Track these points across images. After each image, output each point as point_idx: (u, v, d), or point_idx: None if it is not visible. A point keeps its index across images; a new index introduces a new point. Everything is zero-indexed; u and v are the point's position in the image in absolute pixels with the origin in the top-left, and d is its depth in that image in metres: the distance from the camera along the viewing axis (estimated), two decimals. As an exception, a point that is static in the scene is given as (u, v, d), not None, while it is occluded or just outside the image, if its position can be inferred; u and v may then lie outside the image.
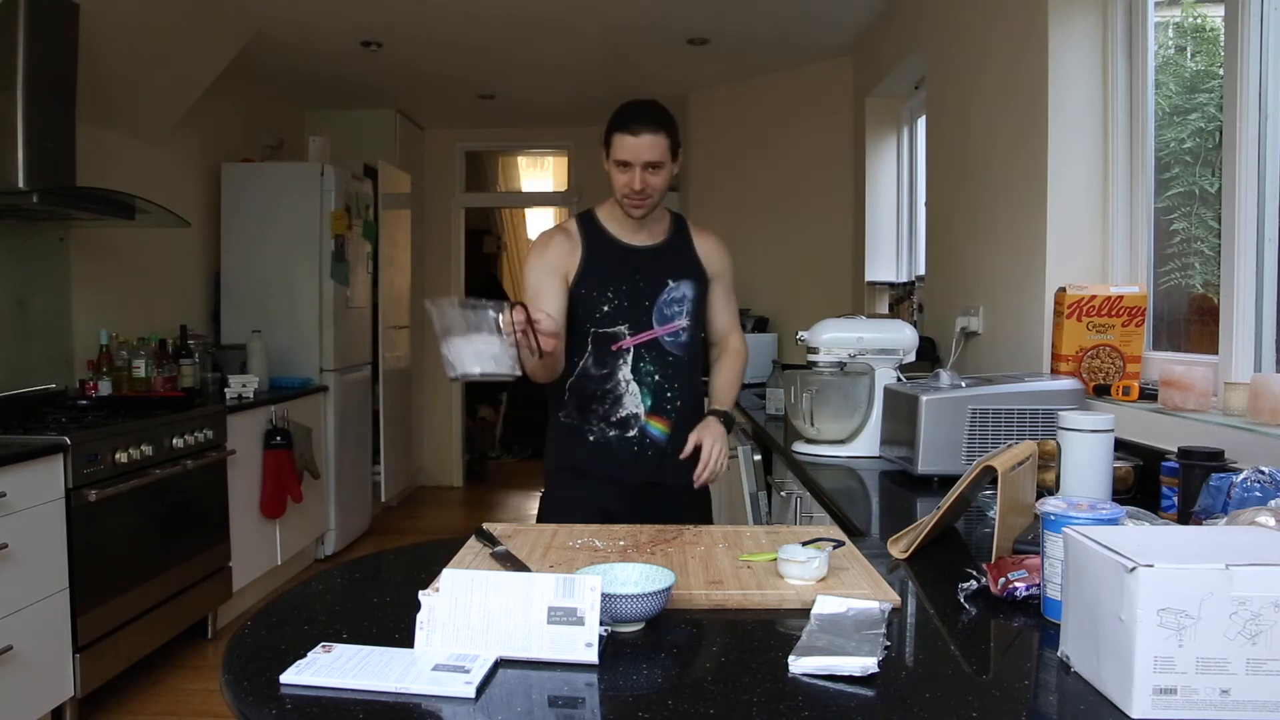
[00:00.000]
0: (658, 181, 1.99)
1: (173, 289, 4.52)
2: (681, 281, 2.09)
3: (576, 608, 1.03)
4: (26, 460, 2.60)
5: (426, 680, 0.96)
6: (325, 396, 4.78)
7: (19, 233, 3.45)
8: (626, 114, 1.98)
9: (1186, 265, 2.25)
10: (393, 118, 6.06)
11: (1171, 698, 0.86)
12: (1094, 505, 1.13)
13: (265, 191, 4.77)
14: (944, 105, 3.42)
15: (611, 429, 2.07)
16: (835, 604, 1.16)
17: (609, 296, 2.04)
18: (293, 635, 1.13)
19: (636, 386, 2.06)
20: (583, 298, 2.04)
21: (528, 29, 4.44)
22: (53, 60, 3.11)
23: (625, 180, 1.98)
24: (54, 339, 3.65)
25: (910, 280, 4.23)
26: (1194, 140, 2.21)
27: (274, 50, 4.69)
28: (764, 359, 4.66)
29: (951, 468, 1.96)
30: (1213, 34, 2.22)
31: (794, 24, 4.37)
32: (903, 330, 2.43)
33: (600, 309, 2.04)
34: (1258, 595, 0.85)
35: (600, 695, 0.97)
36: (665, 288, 2.07)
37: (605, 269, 2.05)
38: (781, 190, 5.21)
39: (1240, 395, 1.77)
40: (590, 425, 2.07)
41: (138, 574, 3.12)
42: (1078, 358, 2.25)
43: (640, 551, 1.44)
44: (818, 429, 2.43)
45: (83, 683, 2.83)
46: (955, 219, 3.25)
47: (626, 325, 2.05)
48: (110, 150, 3.98)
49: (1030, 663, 1.07)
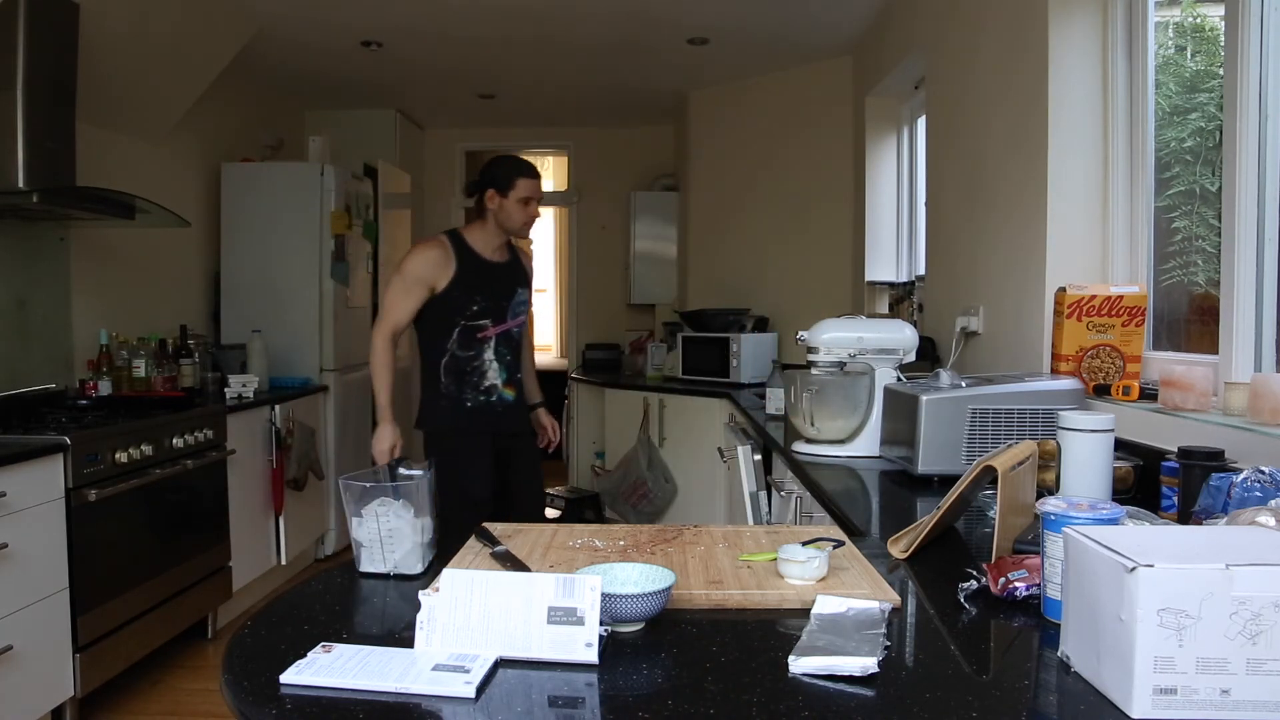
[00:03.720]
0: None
1: (173, 289, 4.52)
2: (523, 288, 2.91)
3: (576, 607, 1.03)
4: (26, 460, 2.60)
5: (426, 680, 0.96)
6: (325, 396, 4.78)
7: (19, 233, 3.45)
8: (522, 163, 2.80)
9: (1188, 264, 2.25)
10: (393, 118, 6.06)
11: (1171, 698, 0.86)
12: (1094, 505, 1.13)
13: (265, 191, 4.76)
14: (944, 105, 3.41)
15: (481, 395, 2.81)
16: (835, 604, 1.16)
17: (477, 299, 2.77)
18: (293, 635, 1.13)
19: (496, 364, 2.81)
20: (455, 299, 2.75)
21: (528, 29, 4.44)
22: (53, 60, 3.11)
23: (530, 211, 2.79)
24: (54, 339, 3.65)
25: (910, 280, 4.23)
26: (1194, 140, 2.21)
27: (274, 50, 4.69)
28: (764, 359, 4.66)
29: (951, 468, 1.96)
30: (1213, 34, 2.22)
31: (794, 24, 4.37)
32: (903, 330, 2.43)
33: (470, 308, 2.76)
34: (1258, 595, 0.85)
35: (600, 695, 0.97)
36: (515, 293, 2.86)
37: (476, 280, 2.78)
38: (781, 190, 5.21)
39: (1240, 395, 1.77)
40: (466, 394, 2.79)
41: (138, 574, 3.12)
42: (1078, 357, 2.25)
43: (640, 551, 1.44)
44: (818, 429, 2.43)
45: (83, 683, 2.83)
46: (955, 219, 3.25)
47: (490, 320, 2.80)
48: (110, 150, 3.98)
49: (1030, 663, 1.07)
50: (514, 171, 2.77)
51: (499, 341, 2.82)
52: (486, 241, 2.83)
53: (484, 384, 2.81)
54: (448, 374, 2.80)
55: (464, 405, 2.81)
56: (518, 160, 2.81)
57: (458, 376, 2.80)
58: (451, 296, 2.75)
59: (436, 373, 2.82)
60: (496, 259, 2.85)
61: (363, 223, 5.14)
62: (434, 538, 1.44)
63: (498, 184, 2.77)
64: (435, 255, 2.76)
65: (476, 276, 2.78)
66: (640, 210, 6.34)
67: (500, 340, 2.82)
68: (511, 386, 2.87)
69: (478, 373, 2.80)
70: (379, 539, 1.36)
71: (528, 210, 2.79)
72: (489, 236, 2.83)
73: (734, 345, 4.71)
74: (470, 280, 2.77)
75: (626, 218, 6.46)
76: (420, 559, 1.38)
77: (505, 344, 2.84)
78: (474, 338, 2.78)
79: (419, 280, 2.74)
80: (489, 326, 2.79)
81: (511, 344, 2.86)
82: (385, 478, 1.42)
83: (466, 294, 2.76)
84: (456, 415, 2.81)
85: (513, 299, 2.85)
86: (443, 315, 2.77)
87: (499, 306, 2.81)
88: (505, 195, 2.76)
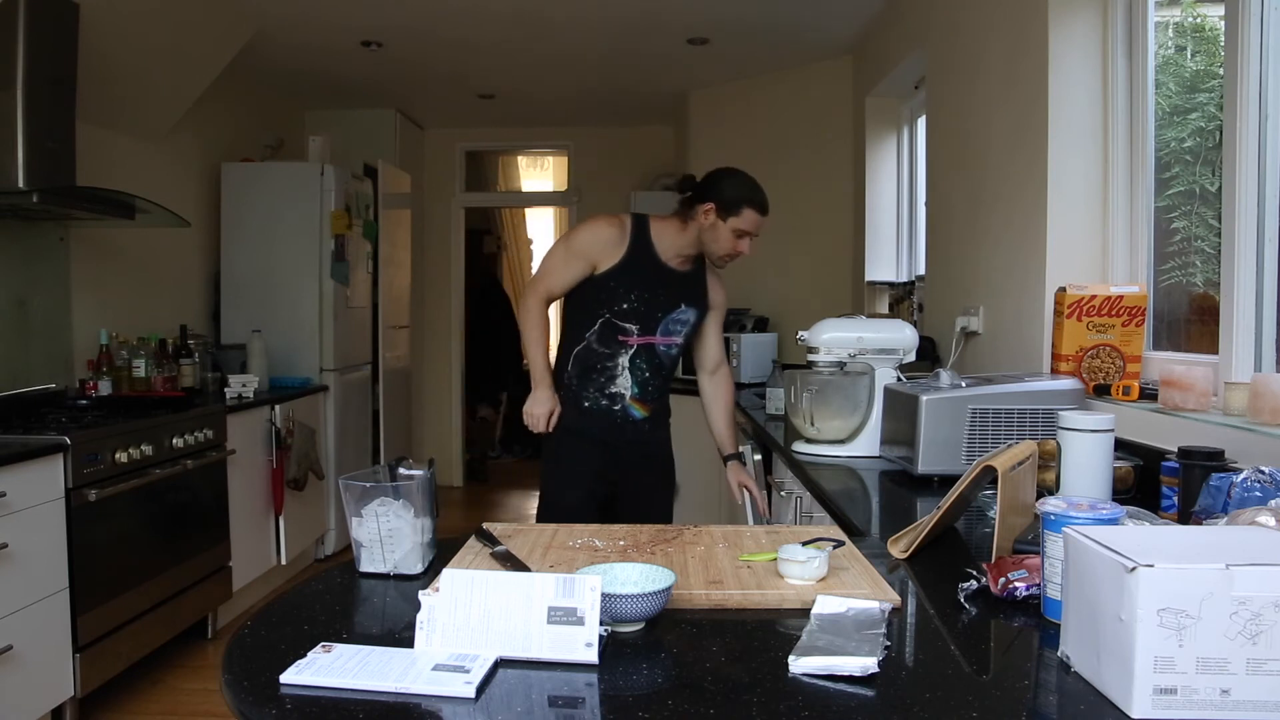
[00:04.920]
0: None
1: (173, 289, 4.52)
2: (691, 308, 2.52)
3: (576, 607, 1.03)
4: (26, 460, 2.60)
5: (426, 680, 0.96)
6: (325, 396, 4.78)
7: (19, 233, 3.45)
8: (759, 193, 2.42)
9: (1187, 264, 2.25)
10: (393, 118, 6.06)
11: (1171, 698, 0.86)
12: (1094, 505, 1.13)
13: (265, 191, 4.76)
14: (944, 105, 3.41)
15: (604, 399, 2.49)
16: (835, 604, 1.15)
17: (633, 298, 2.43)
18: (293, 635, 1.13)
19: (630, 374, 2.48)
20: (610, 288, 2.42)
21: (528, 29, 4.44)
22: (53, 60, 3.10)
23: (739, 245, 2.42)
24: (54, 339, 3.65)
25: (910, 280, 4.23)
26: (1194, 139, 2.21)
27: (274, 50, 4.69)
28: (764, 359, 4.66)
29: (951, 468, 1.96)
30: (1213, 34, 2.22)
31: (794, 23, 4.37)
32: (903, 330, 2.43)
33: (621, 304, 2.42)
34: (1258, 595, 0.85)
35: (600, 695, 0.97)
36: (677, 308, 2.49)
37: (639, 275, 2.43)
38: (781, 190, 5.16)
39: (1240, 395, 1.77)
40: (587, 393, 2.48)
41: (138, 574, 3.11)
42: (1078, 357, 2.25)
43: (640, 551, 1.44)
44: (818, 429, 2.43)
45: (83, 683, 2.83)
46: (955, 219, 3.25)
47: (637, 326, 2.45)
48: (110, 150, 3.98)
49: (1030, 663, 1.07)
50: (746, 198, 2.40)
51: (641, 353, 2.47)
52: (673, 244, 2.46)
53: (610, 389, 2.48)
54: (576, 364, 2.49)
55: (581, 404, 2.48)
56: (754, 186, 2.43)
57: (584, 370, 2.48)
58: (608, 283, 2.42)
59: (567, 359, 2.51)
60: (675, 266, 2.48)
61: (363, 223, 5.14)
62: (434, 538, 1.44)
63: (723, 201, 2.39)
64: (608, 234, 2.43)
65: (641, 273, 2.43)
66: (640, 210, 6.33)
67: (642, 352, 2.47)
68: (645, 406, 2.52)
69: (607, 374, 2.48)
70: (379, 539, 1.36)
71: (738, 243, 2.42)
72: (679, 242, 2.46)
73: (734, 345, 4.71)
74: (633, 274, 2.42)
75: (626, 218, 6.45)
76: (420, 559, 1.38)
77: (648, 359, 2.48)
78: (615, 338, 2.45)
79: (582, 254, 2.42)
80: (634, 334, 2.44)
81: (655, 362, 2.50)
82: (385, 478, 1.42)
83: (624, 287, 2.42)
84: (570, 412, 2.49)
85: (671, 313, 2.48)
86: (593, 300, 2.44)
87: (653, 316, 2.45)
88: (724, 218, 2.38)
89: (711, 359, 2.68)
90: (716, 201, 2.39)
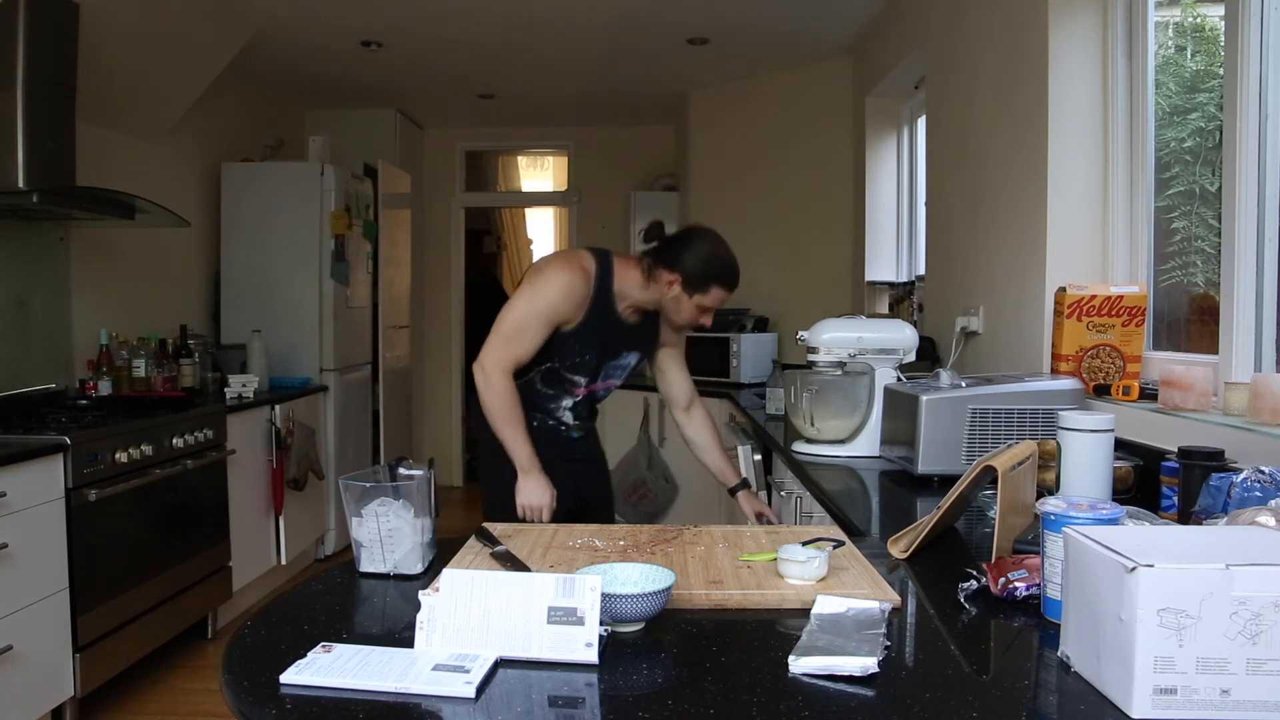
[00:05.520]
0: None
1: (173, 289, 4.52)
2: (632, 353, 2.43)
3: (576, 607, 1.03)
4: (26, 460, 2.60)
5: (426, 680, 0.96)
6: (325, 396, 4.78)
7: (19, 233, 3.45)
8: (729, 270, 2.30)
9: (1187, 264, 2.25)
10: (393, 118, 6.06)
11: (1171, 698, 0.86)
12: (1094, 505, 1.13)
13: (265, 191, 4.77)
14: (944, 105, 3.41)
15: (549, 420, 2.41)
16: (835, 604, 1.16)
17: (586, 356, 2.33)
18: (293, 635, 1.13)
19: (570, 413, 2.41)
20: (567, 345, 2.30)
21: (528, 29, 4.44)
22: (53, 60, 3.11)
23: (702, 319, 2.33)
24: (54, 339, 3.65)
25: (910, 280, 4.23)
26: (1194, 140, 2.22)
27: (274, 50, 4.69)
28: (764, 359, 4.67)
29: (951, 468, 1.96)
30: (1213, 34, 2.22)
31: (794, 24, 4.37)
32: (903, 330, 2.43)
33: (574, 359, 2.33)
34: (1258, 595, 0.85)
35: (600, 695, 0.97)
36: (619, 356, 2.40)
37: (597, 334, 2.32)
38: (781, 190, 5.21)
39: (1240, 395, 1.77)
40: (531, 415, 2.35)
41: (138, 574, 3.12)
42: (1078, 357, 2.25)
43: (640, 551, 1.44)
44: (818, 429, 2.43)
45: (83, 683, 2.83)
46: (955, 219, 3.25)
47: (586, 379, 2.37)
48: (110, 150, 3.98)
49: (1030, 663, 1.07)
50: (715, 276, 2.26)
51: (583, 399, 2.42)
52: (632, 298, 2.33)
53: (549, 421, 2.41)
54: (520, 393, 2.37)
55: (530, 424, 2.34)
56: (725, 263, 2.29)
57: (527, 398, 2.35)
58: (566, 340, 2.30)
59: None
60: (627, 319, 2.37)
61: (363, 222, 5.14)
62: (434, 538, 1.44)
63: (689, 277, 2.25)
64: (578, 291, 2.26)
65: (599, 331, 2.32)
66: (640, 210, 6.34)
67: (585, 398, 2.42)
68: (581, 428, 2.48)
69: (548, 407, 2.41)
70: (379, 539, 1.36)
71: (701, 316, 2.32)
72: (640, 298, 2.33)
73: (734, 345, 4.72)
74: (591, 333, 2.31)
75: (626, 218, 6.46)
76: (420, 559, 1.38)
77: (585, 402, 2.43)
78: (562, 385, 2.37)
79: (555, 318, 2.26)
80: (582, 385, 2.37)
81: (591, 403, 2.47)
82: (385, 478, 1.42)
83: (580, 344, 2.31)
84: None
85: (615, 360, 2.40)
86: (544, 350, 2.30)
87: (598, 367, 2.38)
88: (690, 294, 2.27)
89: (683, 396, 2.58)
90: (682, 275, 2.25)
